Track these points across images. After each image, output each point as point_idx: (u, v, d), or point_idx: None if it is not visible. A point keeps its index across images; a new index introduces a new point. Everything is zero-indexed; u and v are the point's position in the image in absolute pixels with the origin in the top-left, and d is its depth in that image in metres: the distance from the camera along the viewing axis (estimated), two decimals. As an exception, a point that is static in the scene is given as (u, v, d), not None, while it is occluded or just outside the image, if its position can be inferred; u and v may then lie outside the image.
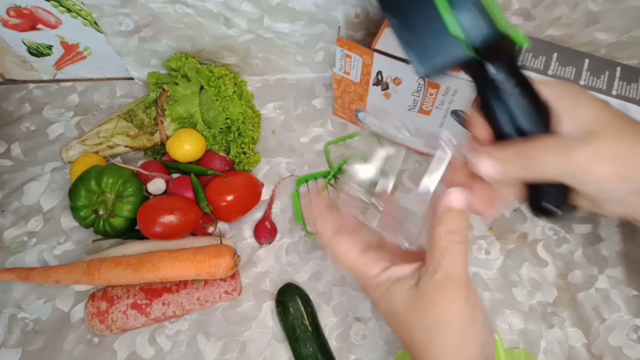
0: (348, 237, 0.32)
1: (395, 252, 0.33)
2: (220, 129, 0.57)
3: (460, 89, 0.48)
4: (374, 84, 0.53)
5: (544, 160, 0.26)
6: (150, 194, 0.54)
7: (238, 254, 0.50)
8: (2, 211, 0.58)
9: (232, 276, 0.50)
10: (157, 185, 0.54)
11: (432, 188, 0.31)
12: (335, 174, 0.57)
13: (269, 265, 0.53)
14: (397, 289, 0.29)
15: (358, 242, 0.32)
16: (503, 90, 0.27)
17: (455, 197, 0.29)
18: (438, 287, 0.28)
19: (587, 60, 0.47)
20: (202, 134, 0.57)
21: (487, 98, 0.28)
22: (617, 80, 0.46)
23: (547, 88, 0.28)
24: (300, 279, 0.52)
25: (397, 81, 0.51)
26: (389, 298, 0.30)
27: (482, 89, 0.28)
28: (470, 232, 0.28)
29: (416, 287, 0.29)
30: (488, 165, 0.28)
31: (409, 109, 0.54)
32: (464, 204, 0.29)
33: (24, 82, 0.69)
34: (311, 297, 0.50)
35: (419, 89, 0.50)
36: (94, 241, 0.55)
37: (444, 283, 0.28)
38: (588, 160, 0.26)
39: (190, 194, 0.53)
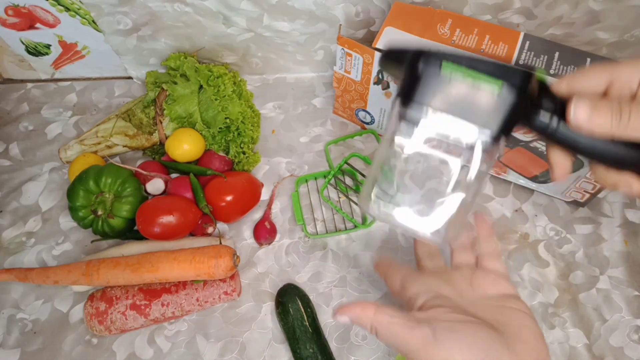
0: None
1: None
2: (220, 128, 0.56)
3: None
4: (374, 83, 0.53)
5: None
6: (149, 194, 0.54)
7: (237, 254, 0.49)
8: (1, 211, 0.57)
9: (232, 277, 0.50)
10: (156, 186, 0.53)
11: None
12: (335, 174, 0.57)
13: (269, 266, 0.53)
14: None
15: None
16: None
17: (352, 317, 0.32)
18: None
19: (588, 60, 0.47)
20: (201, 134, 0.57)
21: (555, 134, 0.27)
22: (619, 79, 0.46)
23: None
24: (300, 280, 0.52)
25: (397, 80, 0.51)
26: None
27: (546, 130, 0.27)
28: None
29: None
30: (584, 107, 0.26)
31: (409, 109, 0.54)
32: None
33: (22, 81, 0.69)
34: (311, 297, 0.50)
35: (420, 88, 0.50)
36: (92, 241, 0.54)
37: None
38: None
39: (189, 194, 0.52)
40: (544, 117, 0.27)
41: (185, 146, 0.55)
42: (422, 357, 0.30)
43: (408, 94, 0.27)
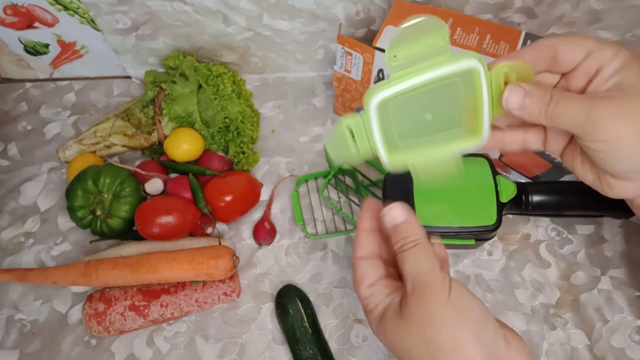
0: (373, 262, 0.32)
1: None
2: (219, 128, 0.56)
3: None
4: (375, 82, 0.53)
5: (566, 106, 0.27)
6: (147, 194, 0.53)
7: (237, 255, 0.49)
8: (-1, 211, 0.57)
9: (231, 277, 0.49)
10: (154, 186, 0.53)
11: None
12: (336, 174, 0.57)
13: (268, 267, 0.53)
14: (387, 314, 0.29)
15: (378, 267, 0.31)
16: None
17: (395, 215, 0.30)
18: (413, 297, 0.28)
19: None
20: (200, 134, 0.56)
21: None
22: (621, 79, 0.45)
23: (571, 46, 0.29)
24: (300, 281, 0.52)
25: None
26: (383, 326, 0.29)
27: None
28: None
29: (400, 307, 0.29)
30: (518, 94, 0.28)
31: (409, 108, 0.54)
32: (404, 217, 0.30)
33: (21, 81, 0.68)
34: (311, 298, 0.50)
35: (420, 88, 0.50)
36: (91, 242, 0.54)
37: (415, 291, 0.27)
38: (608, 115, 0.26)
39: (188, 194, 0.52)
40: None
41: (184, 146, 0.55)
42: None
43: None
